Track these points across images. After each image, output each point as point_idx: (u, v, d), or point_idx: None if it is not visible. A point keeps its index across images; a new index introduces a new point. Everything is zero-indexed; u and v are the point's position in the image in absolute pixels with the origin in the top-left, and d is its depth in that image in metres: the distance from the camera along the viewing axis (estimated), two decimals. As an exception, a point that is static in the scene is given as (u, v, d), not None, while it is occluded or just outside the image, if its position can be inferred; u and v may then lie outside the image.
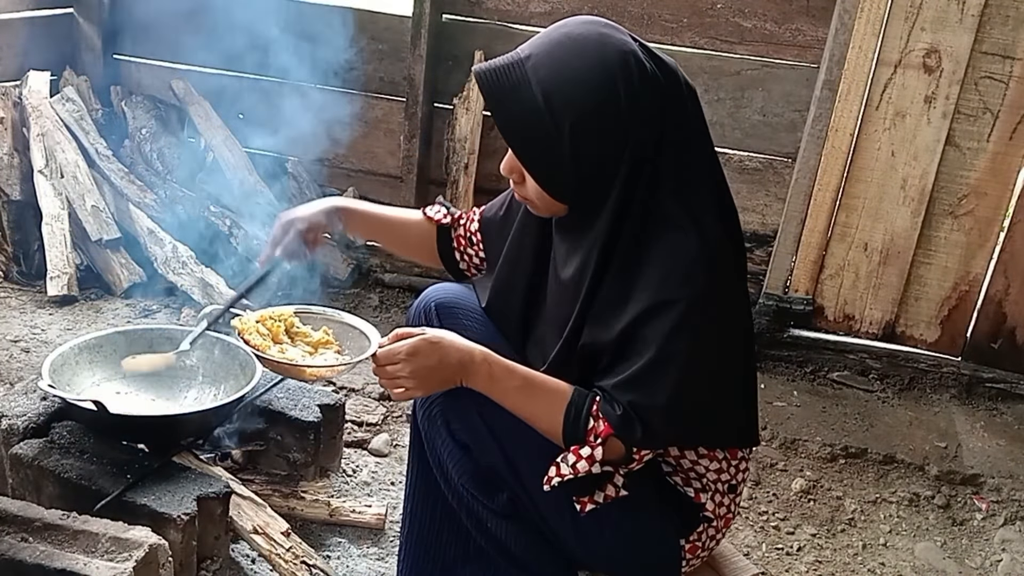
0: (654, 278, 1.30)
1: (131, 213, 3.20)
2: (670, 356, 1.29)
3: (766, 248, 3.14)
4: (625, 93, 1.25)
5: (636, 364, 1.31)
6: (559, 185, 1.33)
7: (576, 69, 1.26)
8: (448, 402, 1.44)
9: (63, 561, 1.49)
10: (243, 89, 3.45)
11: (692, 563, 1.52)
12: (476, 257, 1.74)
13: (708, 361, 1.32)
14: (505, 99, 1.30)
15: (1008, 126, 2.80)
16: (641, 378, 1.31)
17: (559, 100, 1.26)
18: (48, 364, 1.87)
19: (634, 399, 1.31)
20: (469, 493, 1.48)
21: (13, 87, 3.28)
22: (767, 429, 2.72)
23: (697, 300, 1.28)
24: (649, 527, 1.46)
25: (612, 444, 1.33)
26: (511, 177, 1.39)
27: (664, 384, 1.30)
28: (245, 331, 1.53)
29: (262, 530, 1.83)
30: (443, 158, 3.28)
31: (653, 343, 1.29)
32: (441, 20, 3.19)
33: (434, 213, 1.75)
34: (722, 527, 1.52)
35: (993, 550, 2.38)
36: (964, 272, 2.97)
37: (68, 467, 1.74)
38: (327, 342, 1.59)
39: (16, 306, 2.92)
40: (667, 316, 1.28)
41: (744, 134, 3.08)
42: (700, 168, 1.35)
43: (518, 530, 1.48)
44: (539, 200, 1.37)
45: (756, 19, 2.98)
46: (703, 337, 1.29)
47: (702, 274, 1.29)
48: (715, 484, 1.48)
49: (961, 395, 3.01)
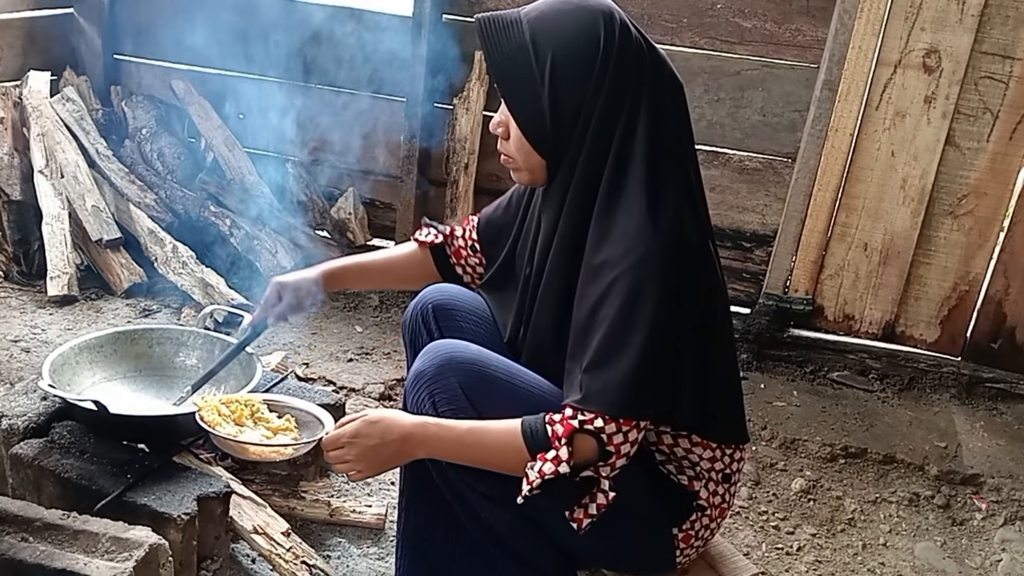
0: (607, 262, 1.33)
1: (131, 213, 3.20)
2: (620, 340, 1.31)
3: (766, 248, 3.14)
4: (605, 40, 1.33)
5: (588, 348, 1.34)
6: (537, 128, 1.37)
7: (564, 12, 1.36)
8: (435, 381, 1.45)
9: (63, 561, 1.49)
10: (243, 89, 3.45)
11: (687, 552, 1.52)
12: (479, 266, 1.77)
13: (654, 344, 1.31)
14: (497, 37, 1.37)
15: (1008, 126, 2.80)
16: (594, 360, 1.33)
17: (543, 37, 1.34)
18: (48, 364, 1.87)
19: (586, 382, 1.33)
20: (460, 479, 1.48)
21: (13, 87, 3.28)
22: (767, 429, 2.72)
23: (643, 284, 1.30)
24: (640, 515, 1.46)
25: (581, 442, 1.32)
26: (498, 132, 1.45)
27: (614, 365, 1.31)
28: (204, 408, 1.61)
29: (262, 530, 1.83)
30: (443, 158, 3.29)
31: (601, 326, 1.32)
32: (441, 20, 3.19)
33: (424, 237, 1.79)
34: (717, 516, 1.52)
35: (993, 550, 2.38)
36: (964, 272, 2.97)
37: (68, 467, 1.74)
38: (287, 428, 1.63)
39: (16, 306, 2.92)
40: (614, 299, 1.31)
41: (744, 134, 3.08)
42: (672, 157, 1.37)
43: (511, 519, 1.48)
44: (520, 154, 1.42)
45: (756, 19, 2.98)
46: (647, 319, 1.30)
47: (654, 260, 1.30)
48: (709, 473, 1.48)
49: (961, 395, 3.01)
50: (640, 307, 1.30)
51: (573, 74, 1.33)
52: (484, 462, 1.39)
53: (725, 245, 3.17)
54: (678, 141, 1.39)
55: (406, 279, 1.89)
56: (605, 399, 1.31)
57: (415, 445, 1.39)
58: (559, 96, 1.34)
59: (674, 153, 1.38)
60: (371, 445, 1.39)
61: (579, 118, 1.35)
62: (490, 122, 1.47)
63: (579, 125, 1.35)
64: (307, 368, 2.72)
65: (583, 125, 1.35)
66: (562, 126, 1.36)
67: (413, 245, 1.81)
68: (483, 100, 3.21)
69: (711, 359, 1.43)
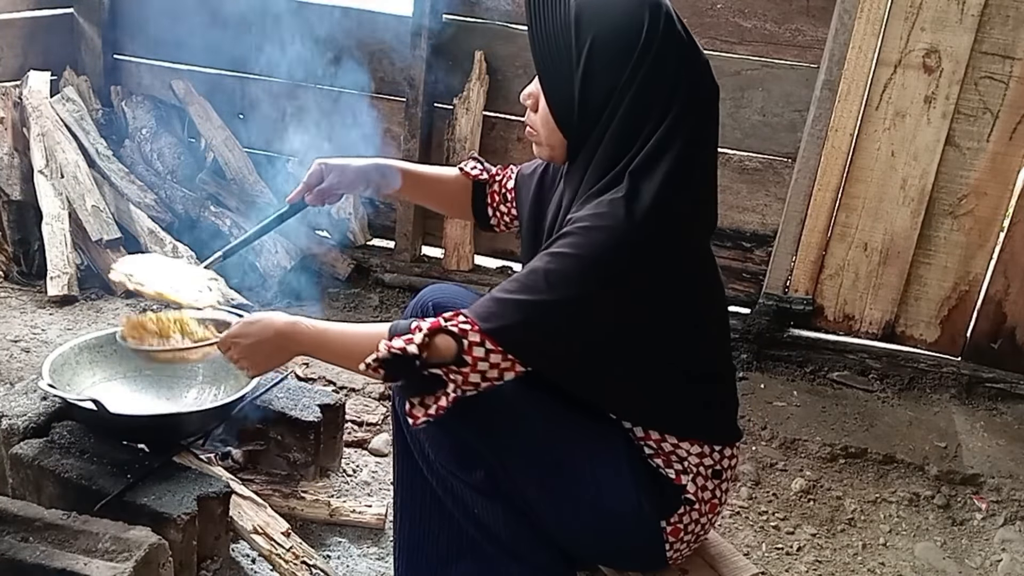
0: (571, 220, 1.33)
1: (131, 213, 3.20)
2: (534, 283, 1.31)
3: (766, 248, 3.14)
4: (648, 33, 1.31)
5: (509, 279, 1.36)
6: (565, 108, 1.37)
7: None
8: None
9: (63, 561, 1.49)
10: (243, 89, 3.45)
11: (677, 547, 1.51)
12: (508, 215, 1.78)
13: (562, 306, 1.31)
14: (543, 11, 1.36)
15: (1008, 126, 2.80)
16: (502, 286, 1.35)
17: (587, 19, 1.32)
18: (48, 364, 1.88)
19: (481, 299, 1.36)
20: (448, 471, 1.49)
21: (13, 87, 3.28)
22: (767, 429, 2.72)
23: (587, 255, 1.29)
24: (625, 505, 1.46)
25: (441, 340, 1.32)
26: (527, 104, 1.44)
27: (513, 296, 1.32)
28: (127, 325, 1.74)
29: (262, 530, 1.83)
30: (443, 158, 3.28)
31: (527, 268, 1.34)
32: (441, 20, 3.19)
33: (470, 169, 1.80)
34: (708, 512, 1.51)
35: (993, 550, 2.38)
36: (964, 272, 2.97)
37: (68, 467, 1.74)
38: (206, 336, 1.75)
39: (16, 306, 2.92)
40: (555, 252, 1.32)
41: (744, 134, 3.08)
42: (687, 157, 1.34)
43: (504, 514, 1.49)
44: (544, 129, 1.42)
45: (756, 19, 2.98)
46: (569, 284, 1.30)
47: (609, 240, 1.29)
48: (697, 468, 1.48)
49: (961, 395, 3.01)
50: (571, 272, 1.30)
51: (609, 62, 1.32)
52: (348, 355, 1.41)
53: (725, 245, 3.18)
54: (699, 145, 1.37)
55: (440, 200, 1.89)
56: (483, 311, 1.33)
57: (289, 340, 1.49)
58: (591, 82, 1.33)
59: (691, 155, 1.35)
60: (250, 343, 1.51)
61: (607, 105, 1.33)
62: (521, 92, 1.45)
63: (607, 112, 1.33)
64: (307, 368, 2.72)
65: (610, 113, 1.33)
66: (589, 111, 1.35)
67: (456, 172, 1.81)
68: (483, 100, 3.21)
69: (681, 359, 1.43)
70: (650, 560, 1.53)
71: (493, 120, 3.26)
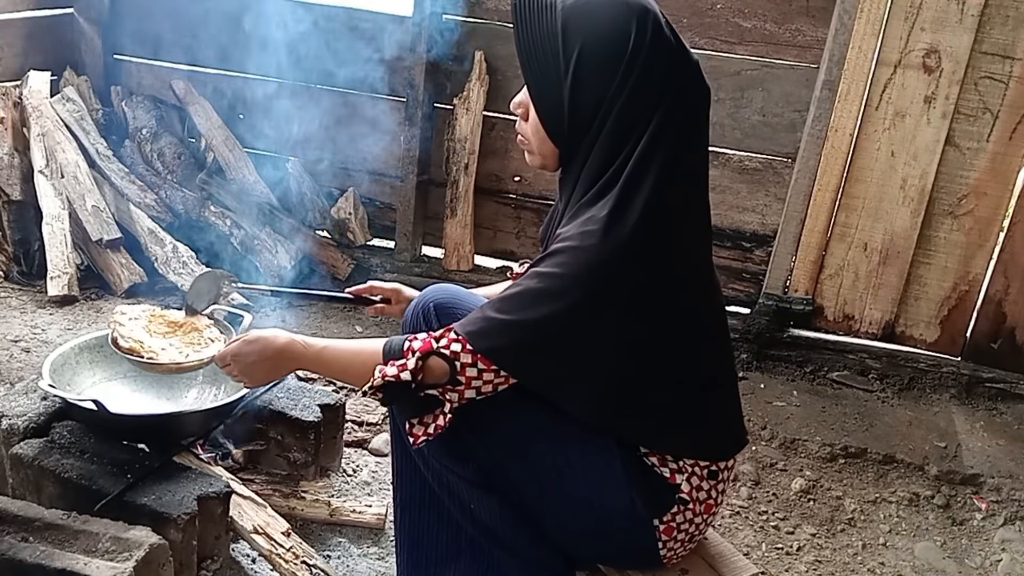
0: (559, 237, 1.34)
1: (131, 213, 3.20)
2: (521, 301, 1.32)
3: (766, 248, 3.14)
4: (636, 40, 1.30)
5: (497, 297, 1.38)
6: (555, 118, 1.37)
7: (600, 5, 1.33)
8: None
9: (63, 561, 1.49)
10: (243, 89, 3.45)
11: (670, 545, 1.50)
12: None
13: (549, 322, 1.31)
14: (530, 19, 1.37)
15: (1008, 126, 2.80)
16: (491, 304, 1.36)
17: (575, 28, 1.32)
18: (48, 364, 1.88)
19: (471, 315, 1.38)
20: (442, 464, 1.50)
21: (13, 87, 3.28)
22: (767, 429, 2.73)
23: (567, 275, 1.30)
24: (617, 502, 1.45)
25: (434, 362, 1.34)
26: (517, 113, 1.45)
27: (502, 314, 1.33)
28: (121, 325, 1.81)
29: (262, 530, 1.83)
30: (443, 158, 3.29)
31: (516, 287, 1.35)
32: (441, 20, 3.19)
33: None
34: (703, 512, 1.50)
35: (993, 550, 2.38)
36: (964, 272, 2.97)
37: (68, 467, 1.74)
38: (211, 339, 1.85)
39: (16, 306, 2.92)
40: (540, 272, 1.33)
41: (744, 134, 3.08)
42: (677, 164, 1.33)
43: (500, 509, 1.49)
44: (535, 138, 1.42)
45: (756, 19, 2.98)
46: (553, 301, 1.31)
47: (591, 259, 1.30)
48: (692, 467, 1.47)
49: (961, 395, 3.01)
50: (558, 292, 1.30)
51: (597, 71, 1.31)
52: (345, 374, 1.52)
53: (725, 245, 3.18)
54: (690, 149, 1.37)
55: None
56: (475, 328, 1.34)
57: (287, 360, 1.55)
58: (580, 90, 1.32)
59: (681, 161, 1.35)
60: (250, 362, 1.57)
61: (597, 114, 1.33)
62: (511, 100, 1.45)
63: (596, 121, 1.33)
64: (307, 368, 2.71)
65: (600, 122, 1.33)
66: (579, 119, 1.34)
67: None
68: (483, 100, 3.21)
69: (676, 370, 1.42)
70: (645, 559, 1.53)
71: (493, 120, 3.26)
